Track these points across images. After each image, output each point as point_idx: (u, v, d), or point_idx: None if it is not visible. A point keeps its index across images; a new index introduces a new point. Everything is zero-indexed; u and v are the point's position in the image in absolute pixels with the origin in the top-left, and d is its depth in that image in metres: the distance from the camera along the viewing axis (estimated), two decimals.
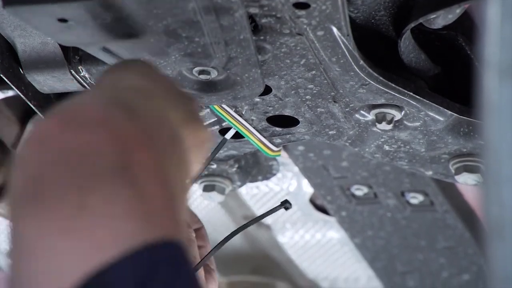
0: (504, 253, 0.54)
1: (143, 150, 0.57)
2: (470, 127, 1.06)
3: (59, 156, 0.56)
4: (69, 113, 0.59)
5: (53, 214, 0.53)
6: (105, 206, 0.53)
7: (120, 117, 0.59)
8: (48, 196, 0.53)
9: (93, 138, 0.56)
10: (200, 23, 0.80)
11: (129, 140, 0.57)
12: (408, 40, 0.98)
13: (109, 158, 0.55)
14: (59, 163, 0.55)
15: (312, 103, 1.03)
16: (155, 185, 0.56)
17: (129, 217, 0.53)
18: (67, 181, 0.54)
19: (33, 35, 0.97)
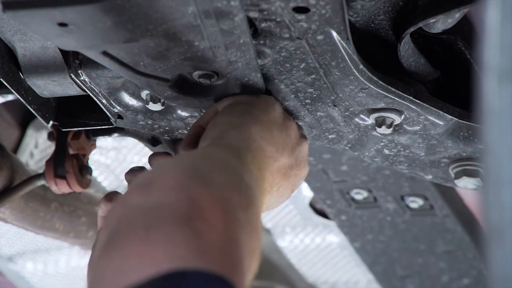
0: (504, 256, 0.54)
1: (212, 210, 0.69)
2: (470, 131, 1.06)
3: (134, 210, 0.69)
4: (148, 181, 0.72)
5: (123, 247, 0.67)
6: (165, 240, 0.66)
7: (193, 184, 0.71)
8: (121, 237, 0.67)
9: (165, 197, 0.70)
10: (200, 27, 0.81)
11: (199, 201, 0.69)
12: (407, 44, 0.98)
13: (175, 210, 0.68)
14: (134, 214, 0.69)
15: (311, 107, 1.03)
16: (217, 232, 0.68)
17: (185, 249, 0.65)
18: (137, 225, 0.67)
19: (33, 40, 0.97)
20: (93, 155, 1.38)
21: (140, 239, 0.66)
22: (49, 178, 1.26)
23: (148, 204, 0.69)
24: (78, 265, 2.00)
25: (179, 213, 0.67)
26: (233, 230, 0.69)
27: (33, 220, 1.45)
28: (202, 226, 0.67)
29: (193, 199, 0.69)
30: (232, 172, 0.78)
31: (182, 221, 0.67)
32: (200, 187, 0.71)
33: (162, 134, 1.14)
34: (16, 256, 1.98)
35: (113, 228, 0.69)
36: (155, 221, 0.67)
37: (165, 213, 0.68)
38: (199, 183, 0.71)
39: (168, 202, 0.69)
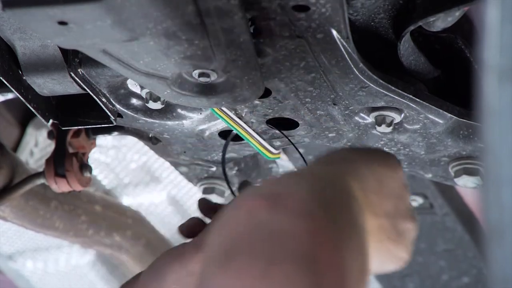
0: (504, 255, 0.54)
1: (332, 251, 0.66)
2: (470, 129, 1.06)
3: (258, 229, 0.67)
4: (277, 198, 0.69)
5: (241, 274, 0.64)
6: (284, 281, 0.63)
7: (319, 215, 0.68)
8: (241, 259, 0.65)
9: (291, 225, 0.66)
10: (200, 25, 0.80)
11: (322, 237, 0.66)
12: (407, 43, 0.98)
13: (299, 244, 0.65)
14: (257, 235, 0.66)
15: (311, 105, 1.03)
16: (334, 283, 0.65)
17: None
18: (259, 251, 0.65)
19: (33, 38, 0.97)
20: (93, 153, 1.38)
21: (260, 272, 0.63)
22: (49, 176, 1.26)
23: (273, 225, 0.66)
24: (78, 263, 2.00)
25: (303, 250, 0.65)
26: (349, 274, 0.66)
27: (33, 218, 1.45)
28: (323, 275, 0.64)
29: (319, 236, 0.66)
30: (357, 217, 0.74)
31: (304, 263, 0.64)
32: (327, 224, 0.68)
33: (161, 133, 1.14)
34: (16, 255, 1.99)
35: (235, 240, 0.66)
36: (278, 254, 0.64)
37: (289, 245, 0.65)
38: (327, 218, 0.68)
39: (294, 231, 0.66)
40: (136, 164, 1.84)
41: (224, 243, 0.67)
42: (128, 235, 1.65)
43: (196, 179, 1.30)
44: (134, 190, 1.89)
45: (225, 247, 0.67)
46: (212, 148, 1.17)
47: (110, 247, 1.64)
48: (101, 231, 1.58)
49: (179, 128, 1.12)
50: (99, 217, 1.58)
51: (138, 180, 1.88)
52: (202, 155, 1.20)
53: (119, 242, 1.64)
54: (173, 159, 1.27)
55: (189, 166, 1.28)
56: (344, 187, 0.77)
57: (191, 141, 1.15)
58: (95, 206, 1.57)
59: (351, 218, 0.73)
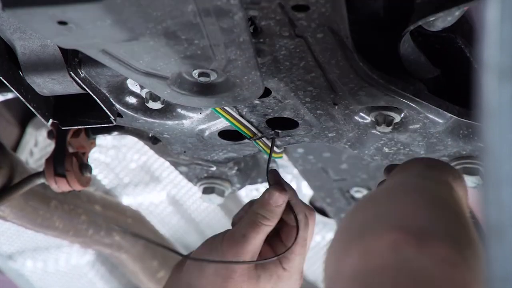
0: (504, 254, 0.54)
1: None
2: (470, 129, 1.06)
3: (403, 267, 0.63)
4: (424, 236, 0.65)
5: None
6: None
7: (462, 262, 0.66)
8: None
9: (436, 269, 0.63)
10: (200, 25, 0.81)
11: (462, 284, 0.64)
12: (407, 43, 0.98)
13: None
14: (401, 272, 0.63)
15: (311, 105, 1.03)
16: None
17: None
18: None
19: (33, 38, 0.97)
20: (92, 153, 1.38)
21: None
22: (49, 176, 1.26)
23: (419, 267, 0.64)
24: (78, 263, 2.00)
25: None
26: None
27: (33, 218, 1.45)
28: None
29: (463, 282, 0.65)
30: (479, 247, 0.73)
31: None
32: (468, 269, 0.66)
33: (161, 132, 1.14)
34: (15, 254, 1.99)
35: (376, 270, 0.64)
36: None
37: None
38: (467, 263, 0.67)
39: (440, 277, 0.64)
40: (136, 163, 1.84)
41: (362, 270, 0.65)
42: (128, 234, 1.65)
43: (196, 179, 1.30)
44: (134, 190, 1.89)
45: (363, 275, 0.64)
46: (212, 148, 1.17)
47: (110, 246, 1.64)
48: (101, 230, 1.58)
49: (179, 128, 1.12)
50: (99, 217, 1.58)
51: (138, 180, 1.88)
52: (202, 155, 1.20)
53: (119, 242, 1.64)
54: (173, 158, 1.27)
55: (189, 165, 1.28)
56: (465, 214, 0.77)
57: (191, 141, 1.15)
58: (95, 206, 1.57)
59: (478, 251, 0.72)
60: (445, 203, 0.75)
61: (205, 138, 1.14)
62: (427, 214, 0.71)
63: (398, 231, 0.66)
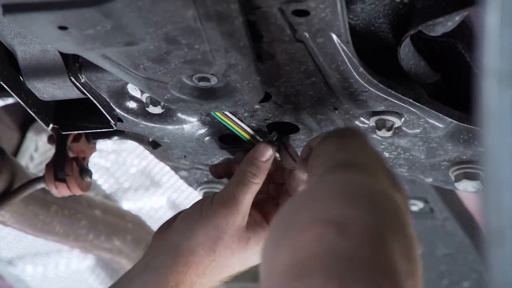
0: (504, 259, 0.54)
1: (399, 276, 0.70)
2: (470, 134, 1.06)
3: (329, 253, 0.69)
4: (344, 224, 0.71)
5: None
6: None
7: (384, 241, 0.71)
8: (316, 278, 0.67)
9: (362, 249, 0.69)
10: (200, 30, 0.81)
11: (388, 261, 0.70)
12: (407, 47, 0.98)
13: (368, 269, 0.68)
14: (329, 258, 0.68)
15: (312, 110, 1.03)
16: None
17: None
18: (332, 272, 0.67)
19: (33, 43, 0.97)
20: (93, 158, 1.38)
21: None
22: (49, 181, 1.26)
23: (342, 250, 0.69)
24: (78, 268, 2.00)
25: (372, 275, 0.68)
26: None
27: (33, 223, 1.45)
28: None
29: (385, 260, 0.70)
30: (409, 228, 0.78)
31: (372, 284, 0.67)
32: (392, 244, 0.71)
33: (162, 137, 1.14)
34: (16, 259, 1.98)
35: (305, 260, 0.69)
36: (349, 276, 0.67)
37: (360, 269, 0.68)
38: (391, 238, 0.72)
39: (363, 256, 0.69)
40: (136, 168, 1.84)
41: (293, 262, 0.69)
42: (128, 239, 1.65)
43: (196, 184, 1.30)
44: (134, 195, 1.89)
45: (295, 267, 0.68)
46: (213, 152, 1.17)
47: (110, 251, 1.64)
48: (101, 235, 1.58)
49: (179, 133, 1.12)
50: (99, 222, 1.58)
51: (138, 184, 1.88)
52: (202, 160, 1.20)
53: (119, 247, 1.64)
54: (173, 163, 1.27)
55: (189, 170, 1.28)
56: (386, 192, 0.80)
57: (192, 146, 1.15)
58: (95, 210, 1.57)
59: (407, 231, 0.77)
60: (358, 189, 0.80)
61: (206, 143, 1.14)
62: (344, 204, 0.76)
63: (320, 223, 0.71)
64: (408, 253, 0.75)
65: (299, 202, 0.80)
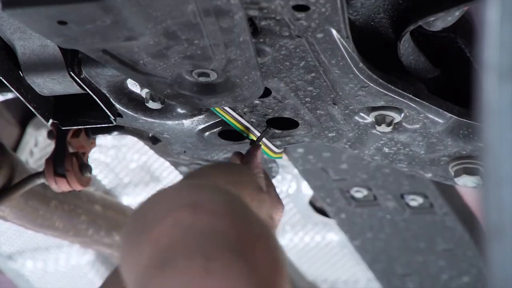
0: (504, 254, 0.54)
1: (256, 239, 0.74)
2: (470, 129, 1.06)
3: (188, 232, 0.72)
4: (196, 204, 0.76)
5: (181, 272, 0.69)
6: (225, 272, 0.69)
7: (234, 212, 0.78)
8: (178, 260, 0.70)
9: (218, 223, 0.74)
10: (200, 25, 0.80)
11: (243, 228, 0.75)
12: (407, 43, 0.98)
13: (228, 238, 0.72)
14: (188, 237, 0.72)
15: (311, 105, 1.03)
16: (265, 267, 0.72)
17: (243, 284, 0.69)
18: (195, 250, 0.70)
19: (33, 38, 0.97)
20: (93, 153, 1.38)
21: (201, 268, 0.68)
22: (49, 176, 1.26)
23: (200, 228, 0.73)
24: (78, 263, 2.00)
25: (234, 242, 0.72)
26: (276, 259, 0.74)
27: (33, 218, 1.45)
28: (255, 260, 0.71)
29: (241, 228, 0.74)
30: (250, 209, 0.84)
31: (238, 252, 0.71)
32: (242, 218, 0.77)
33: (161, 132, 1.14)
34: (16, 254, 1.99)
35: (167, 247, 0.71)
36: (212, 249, 0.70)
37: (219, 240, 0.72)
38: (239, 215, 0.77)
39: (220, 227, 0.73)
40: (136, 163, 1.84)
41: (157, 252, 0.72)
42: None
43: None
44: (134, 190, 1.89)
45: (159, 257, 0.71)
46: (212, 147, 1.17)
47: (110, 246, 1.64)
48: (101, 230, 1.58)
49: (179, 128, 1.12)
50: (99, 217, 1.58)
51: (138, 179, 1.88)
52: (202, 155, 1.20)
53: (119, 242, 1.64)
54: (173, 158, 1.27)
55: (189, 165, 1.28)
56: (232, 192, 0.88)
57: (191, 141, 1.15)
58: (95, 205, 1.57)
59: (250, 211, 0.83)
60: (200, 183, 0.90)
61: (205, 138, 1.14)
62: (194, 191, 0.83)
63: (176, 210, 0.75)
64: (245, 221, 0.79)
65: (152, 198, 0.84)
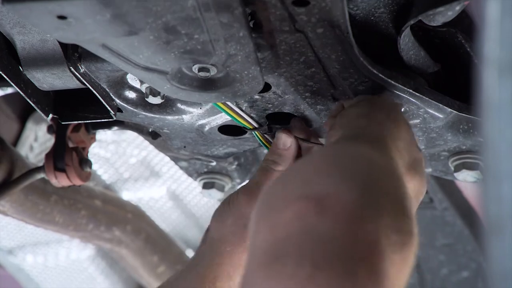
0: (503, 249, 0.54)
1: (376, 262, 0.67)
2: (470, 124, 1.06)
3: (306, 234, 0.68)
4: (325, 201, 0.69)
5: (287, 277, 0.66)
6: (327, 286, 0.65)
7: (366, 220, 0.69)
8: (288, 263, 0.66)
9: (338, 232, 0.68)
10: (200, 20, 0.80)
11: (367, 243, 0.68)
12: (407, 37, 0.98)
13: (345, 251, 0.66)
14: (305, 239, 0.67)
15: (311, 100, 1.03)
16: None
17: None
18: (306, 256, 0.66)
19: (32, 32, 0.97)
20: (92, 148, 1.38)
21: (306, 276, 0.65)
22: (49, 171, 1.26)
23: (321, 231, 0.68)
24: (78, 258, 2.00)
25: (349, 257, 0.66)
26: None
27: (33, 213, 1.45)
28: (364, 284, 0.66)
29: (364, 243, 0.68)
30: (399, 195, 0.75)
31: (349, 270, 0.66)
32: (371, 224, 0.69)
33: (161, 127, 1.14)
34: (16, 249, 1.99)
35: (281, 240, 0.68)
36: (323, 261, 0.66)
37: (335, 251, 0.67)
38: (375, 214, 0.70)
39: (341, 238, 0.67)
40: (136, 159, 1.84)
41: (270, 243, 0.68)
42: (128, 229, 1.65)
43: (196, 174, 1.30)
44: (134, 185, 1.89)
45: (272, 248, 0.68)
46: (212, 142, 1.17)
47: (110, 241, 1.64)
48: (101, 225, 1.59)
49: (179, 123, 1.12)
50: (99, 212, 1.58)
51: (138, 175, 1.88)
52: (202, 150, 1.20)
53: (119, 237, 1.64)
54: (173, 153, 1.27)
55: (189, 160, 1.28)
56: (389, 168, 0.78)
57: (191, 136, 1.15)
58: (95, 200, 1.57)
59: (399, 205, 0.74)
60: (350, 162, 0.78)
61: (205, 133, 1.14)
62: (329, 178, 0.74)
63: (299, 201, 0.70)
64: (399, 225, 0.72)
65: (286, 176, 0.79)
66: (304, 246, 0.67)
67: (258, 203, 0.77)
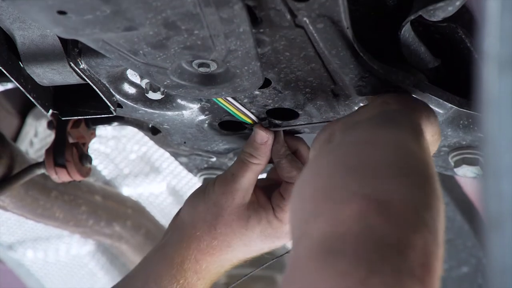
0: (503, 245, 0.54)
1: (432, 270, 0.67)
2: (470, 119, 1.06)
3: (366, 235, 0.66)
4: (388, 205, 0.68)
5: (341, 276, 0.64)
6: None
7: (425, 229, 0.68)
8: (345, 261, 0.65)
9: (399, 238, 0.66)
10: (200, 15, 0.80)
11: (426, 252, 0.67)
12: (408, 33, 0.98)
13: (402, 259, 0.65)
14: (363, 240, 0.66)
15: (311, 95, 1.03)
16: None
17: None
18: (363, 257, 0.65)
19: (32, 28, 0.97)
20: (92, 144, 1.38)
21: (360, 278, 0.63)
22: (49, 166, 1.26)
23: (381, 235, 0.66)
24: (78, 253, 2.01)
25: (404, 265, 0.65)
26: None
27: (33, 208, 1.45)
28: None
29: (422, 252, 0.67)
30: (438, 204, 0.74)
31: (405, 279, 0.64)
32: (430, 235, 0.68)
33: (161, 123, 1.14)
34: (16, 244, 1.99)
35: (340, 238, 0.66)
36: (380, 264, 0.65)
37: (393, 257, 0.65)
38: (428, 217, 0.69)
39: (401, 244, 0.66)
40: (136, 154, 1.84)
41: (327, 236, 0.67)
42: (128, 225, 1.65)
43: (196, 170, 1.30)
44: (134, 181, 1.90)
45: (328, 241, 0.67)
46: (212, 138, 1.17)
47: (110, 237, 1.64)
48: (101, 221, 1.59)
49: (179, 119, 1.12)
50: (99, 207, 1.58)
51: (138, 170, 1.88)
52: (202, 146, 1.20)
53: (119, 232, 1.64)
54: (173, 149, 1.27)
55: (189, 156, 1.28)
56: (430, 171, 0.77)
57: (191, 132, 1.15)
58: (95, 196, 1.57)
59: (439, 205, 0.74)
60: (408, 159, 0.77)
61: (205, 129, 1.14)
62: (388, 177, 0.73)
63: (361, 200, 0.69)
64: (437, 226, 0.71)
65: (340, 161, 0.76)
66: (362, 247, 0.66)
67: (308, 187, 0.75)
